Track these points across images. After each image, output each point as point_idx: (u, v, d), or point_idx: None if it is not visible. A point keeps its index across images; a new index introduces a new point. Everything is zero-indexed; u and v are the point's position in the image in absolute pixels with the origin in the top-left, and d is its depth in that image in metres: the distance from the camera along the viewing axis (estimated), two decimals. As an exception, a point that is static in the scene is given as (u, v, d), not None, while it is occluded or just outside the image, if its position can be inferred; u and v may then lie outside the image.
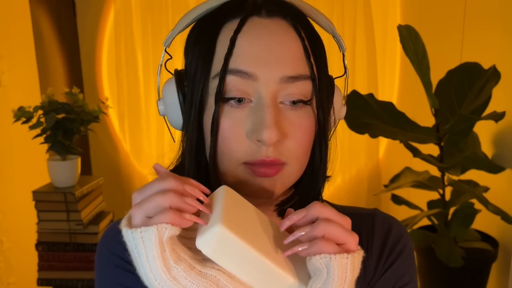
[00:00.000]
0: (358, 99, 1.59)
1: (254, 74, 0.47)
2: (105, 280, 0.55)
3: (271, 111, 0.47)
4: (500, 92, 1.46)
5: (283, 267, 0.41)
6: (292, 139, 0.49)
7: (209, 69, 0.49)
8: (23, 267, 1.69)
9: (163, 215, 0.39)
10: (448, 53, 1.90)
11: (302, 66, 0.49)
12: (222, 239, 0.39)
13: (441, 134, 1.54)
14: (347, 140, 2.30)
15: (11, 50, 1.70)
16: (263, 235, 0.43)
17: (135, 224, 0.41)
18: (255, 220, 0.44)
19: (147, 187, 0.42)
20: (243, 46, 0.48)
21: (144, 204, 0.41)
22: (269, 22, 0.49)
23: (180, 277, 0.40)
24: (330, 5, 2.19)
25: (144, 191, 0.42)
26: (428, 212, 1.64)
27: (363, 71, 2.26)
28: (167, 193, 0.40)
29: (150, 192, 0.41)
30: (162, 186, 0.41)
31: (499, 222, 1.49)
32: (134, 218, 0.41)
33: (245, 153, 0.48)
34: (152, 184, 0.42)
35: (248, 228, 0.42)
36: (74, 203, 1.49)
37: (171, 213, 0.39)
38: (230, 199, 0.44)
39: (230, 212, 0.42)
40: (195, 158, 0.52)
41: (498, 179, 1.61)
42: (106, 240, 0.56)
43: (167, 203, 0.40)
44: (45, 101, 1.49)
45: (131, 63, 2.26)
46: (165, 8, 2.22)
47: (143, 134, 2.34)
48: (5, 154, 1.66)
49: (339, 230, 0.42)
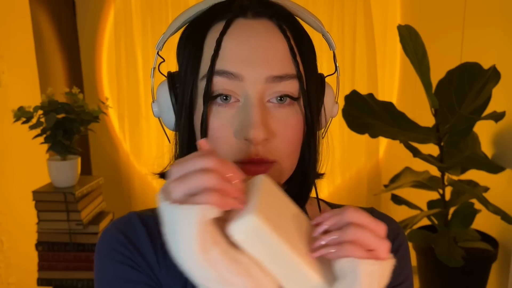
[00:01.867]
0: (358, 99, 1.59)
1: (240, 75, 0.48)
2: (106, 276, 0.54)
3: (257, 110, 0.48)
4: (500, 92, 1.46)
5: (311, 266, 0.41)
6: (280, 137, 0.50)
7: (197, 70, 0.51)
8: (23, 267, 1.69)
9: (208, 195, 0.38)
10: (448, 53, 1.90)
11: (288, 65, 0.50)
12: (256, 229, 0.39)
13: (441, 134, 1.54)
14: (347, 140, 2.30)
15: (11, 50, 1.70)
16: (295, 231, 0.43)
17: (175, 199, 0.39)
18: (288, 214, 0.44)
19: (189, 163, 0.40)
20: (229, 47, 0.49)
21: (187, 180, 0.39)
22: (254, 23, 0.50)
23: (215, 260, 0.39)
24: (330, 5, 2.20)
25: (186, 166, 0.40)
26: (428, 212, 1.64)
27: (363, 71, 2.26)
28: (210, 173, 0.39)
29: (192, 168, 0.40)
30: (205, 164, 0.39)
31: (499, 222, 1.49)
32: (174, 193, 0.40)
33: (235, 152, 0.49)
34: (194, 160, 0.40)
35: (282, 221, 0.42)
36: (74, 203, 1.49)
37: (216, 194, 0.38)
38: (267, 189, 0.43)
39: (266, 202, 0.41)
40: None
41: (498, 179, 1.61)
42: (107, 237, 0.56)
43: (211, 183, 0.39)
44: (45, 101, 1.49)
45: (131, 63, 2.26)
46: (165, 8, 2.22)
47: (143, 134, 2.34)
48: (5, 154, 1.66)
49: (369, 236, 0.41)
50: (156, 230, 0.57)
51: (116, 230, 0.56)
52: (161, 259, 0.55)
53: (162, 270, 0.55)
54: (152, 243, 0.56)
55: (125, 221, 0.58)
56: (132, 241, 0.55)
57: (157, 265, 0.55)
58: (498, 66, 1.42)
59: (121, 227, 0.57)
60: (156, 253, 0.55)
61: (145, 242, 0.55)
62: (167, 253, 0.56)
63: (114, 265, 0.54)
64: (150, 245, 0.55)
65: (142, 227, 0.57)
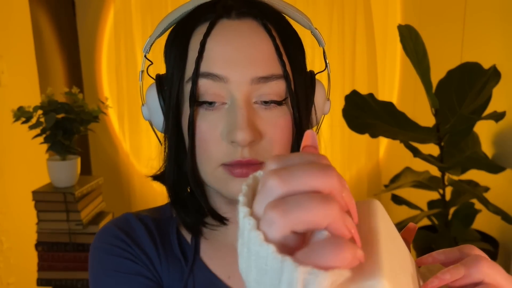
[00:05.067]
0: (358, 99, 1.59)
1: (225, 77, 0.48)
2: (103, 270, 0.54)
3: (243, 112, 0.47)
4: (500, 92, 1.46)
5: None
6: (268, 138, 0.49)
7: (183, 73, 0.50)
8: (23, 267, 1.69)
9: (340, 254, 0.24)
10: (448, 53, 1.90)
11: (274, 65, 0.49)
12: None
13: (441, 134, 1.54)
14: (347, 140, 2.30)
15: (11, 50, 1.70)
16: (410, 286, 0.33)
17: (272, 238, 0.25)
18: (402, 262, 0.33)
19: (300, 175, 0.26)
20: (213, 49, 0.48)
21: (295, 212, 0.25)
22: (239, 24, 0.49)
23: None
24: (330, 5, 2.19)
25: (294, 180, 0.26)
26: (428, 212, 1.64)
27: (363, 71, 2.26)
28: (332, 204, 0.25)
29: (305, 187, 0.26)
30: (326, 185, 0.26)
31: (499, 222, 1.49)
32: (272, 228, 0.25)
33: (223, 155, 0.49)
34: (307, 172, 0.26)
35: (401, 279, 0.31)
36: (73, 203, 1.49)
37: (350, 252, 0.24)
38: (384, 229, 0.32)
39: (388, 253, 0.30)
40: (175, 161, 0.53)
41: (498, 179, 1.61)
42: (104, 234, 0.56)
43: (338, 227, 0.26)
44: (44, 101, 1.49)
45: (131, 63, 2.26)
46: (165, 8, 2.21)
47: (143, 134, 2.34)
48: (5, 154, 1.65)
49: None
50: (154, 228, 0.57)
51: (114, 226, 0.56)
52: (162, 255, 0.55)
53: (163, 266, 0.55)
54: (151, 239, 0.56)
55: (122, 219, 0.58)
56: (131, 236, 0.55)
57: (158, 260, 0.55)
58: (498, 66, 1.42)
59: (119, 224, 0.57)
60: (157, 249, 0.55)
61: (145, 238, 0.55)
62: (167, 250, 0.56)
63: (114, 258, 0.53)
64: (149, 241, 0.55)
65: (140, 225, 0.57)
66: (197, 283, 0.55)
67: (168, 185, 0.56)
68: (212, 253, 0.57)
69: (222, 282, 0.55)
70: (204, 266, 0.56)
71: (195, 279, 0.55)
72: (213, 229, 0.57)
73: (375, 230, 0.31)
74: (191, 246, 0.57)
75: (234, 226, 0.57)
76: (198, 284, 0.55)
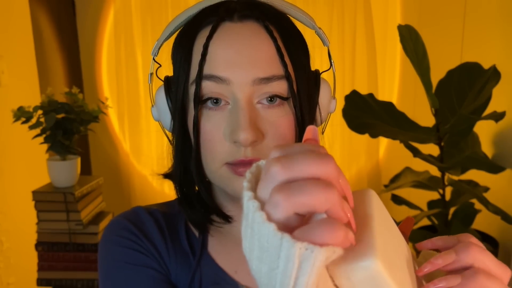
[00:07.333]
0: (358, 99, 1.59)
1: (227, 79, 0.49)
2: (115, 261, 0.55)
3: (245, 113, 0.48)
4: (500, 92, 1.46)
5: None
6: (270, 138, 0.50)
7: (187, 75, 0.52)
8: (23, 267, 1.69)
9: (333, 232, 0.27)
10: (448, 53, 1.90)
11: (275, 66, 0.50)
12: (372, 277, 0.31)
13: (441, 134, 1.54)
14: (347, 140, 2.30)
15: (10, 50, 1.70)
16: (405, 270, 0.35)
17: (276, 219, 0.28)
18: (397, 247, 0.36)
19: (300, 162, 0.29)
20: (216, 52, 0.49)
21: (298, 196, 0.28)
22: (241, 26, 0.51)
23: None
24: (330, 5, 2.19)
25: (295, 167, 0.29)
26: (428, 212, 1.64)
27: (363, 71, 2.26)
28: (332, 189, 0.28)
29: (306, 174, 0.29)
30: (324, 172, 0.29)
31: (499, 222, 1.49)
32: (276, 210, 0.28)
33: (226, 154, 0.50)
34: (307, 160, 0.29)
35: (395, 262, 0.33)
36: (74, 203, 1.49)
37: (343, 232, 0.27)
38: (379, 215, 0.34)
39: (381, 237, 0.32)
40: (182, 160, 0.55)
41: (498, 179, 1.61)
42: (114, 226, 0.57)
43: (335, 211, 0.29)
44: (44, 101, 1.49)
45: (131, 63, 2.25)
46: (165, 8, 2.21)
47: (143, 134, 2.34)
48: (5, 154, 1.65)
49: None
50: (163, 222, 0.58)
51: (124, 219, 0.57)
52: (171, 248, 0.56)
53: (172, 259, 0.56)
54: (161, 233, 0.57)
55: (131, 212, 0.59)
56: (141, 228, 0.56)
57: (167, 253, 0.56)
58: (498, 66, 1.42)
59: (128, 217, 0.58)
60: (165, 242, 0.56)
61: (154, 232, 0.57)
62: (176, 243, 0.57)
63: (123, 250, 0.54)
64: (159, 234, 0.56)
65: (149, 218, 0.58)
66: (204, 276, 0.56)
67: (176, 183, 0.58)
68: (219, 248, 0.58)
69: (229, 276, 0.56)
70: (211, 260, 0.57)
71: (202, 273, 0.56)
72: (219, 226, 0.58)
73: (369, 216, 0.33)
74: (199, 241, 0.58)
75: (238, 223, 0.58)
76: (205, 277, 0.56)
